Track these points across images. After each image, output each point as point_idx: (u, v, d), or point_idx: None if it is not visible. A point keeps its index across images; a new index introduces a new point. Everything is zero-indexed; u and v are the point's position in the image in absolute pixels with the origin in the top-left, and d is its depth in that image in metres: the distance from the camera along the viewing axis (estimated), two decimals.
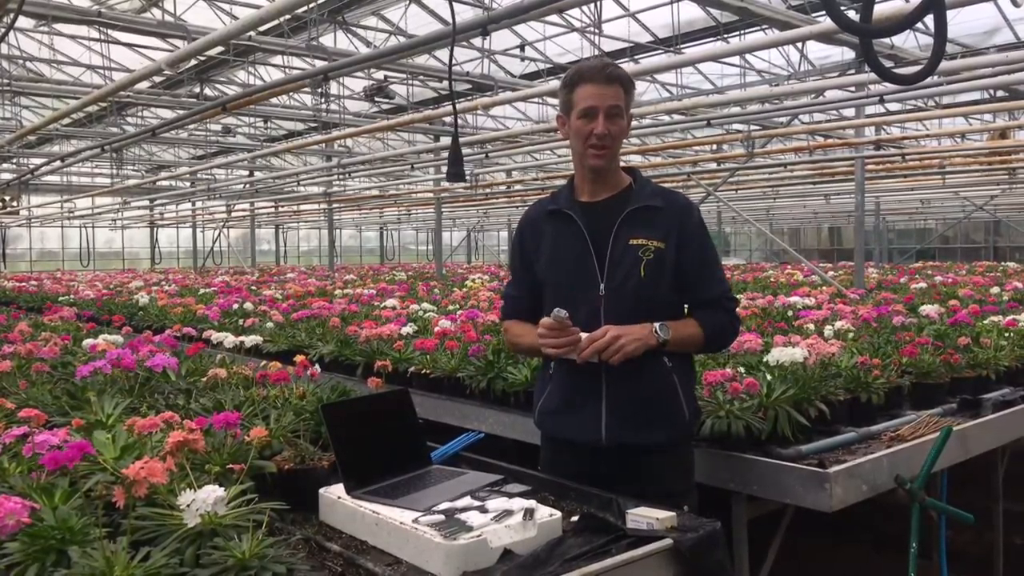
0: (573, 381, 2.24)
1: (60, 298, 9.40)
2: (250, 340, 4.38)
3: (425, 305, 6.45)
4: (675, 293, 2.24)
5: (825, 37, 4.79)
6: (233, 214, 23.46)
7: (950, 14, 2.22)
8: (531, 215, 2.40)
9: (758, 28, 9.53)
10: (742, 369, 3.11)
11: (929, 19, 1.57)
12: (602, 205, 2.27)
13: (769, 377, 2.88)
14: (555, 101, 13.73)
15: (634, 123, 11.24)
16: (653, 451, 2.22)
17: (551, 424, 2.35)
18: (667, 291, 2.21)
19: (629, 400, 2.19)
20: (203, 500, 1.49)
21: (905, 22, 1.64)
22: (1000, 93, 8.86)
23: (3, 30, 3.95)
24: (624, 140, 2.30)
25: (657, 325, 2.13)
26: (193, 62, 10.52)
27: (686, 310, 2.30)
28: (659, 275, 2.18)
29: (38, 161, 13.57)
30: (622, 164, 2.38)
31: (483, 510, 1.72)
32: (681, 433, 2.29)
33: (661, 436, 2.22)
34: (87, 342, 3.77)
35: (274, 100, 11.57)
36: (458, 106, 9.27)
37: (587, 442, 2.22)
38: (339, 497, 1.87)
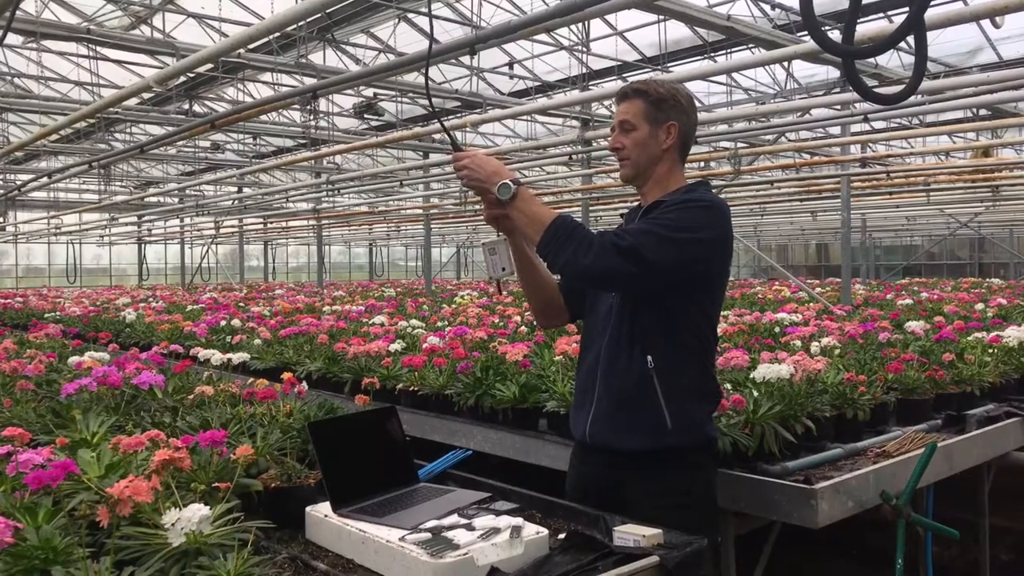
0: (580, 381, 2.31)
1: (46, 315, 9.33)
2: (237, 357, 4.35)
3: (414, 322, 6.44)
4: (679, 288, 2.11)
5: (810, 56, 4.82)
6: (221, 230, 23.38)
7: (933, 34, 2.26)
8: None
9: (744, 47, 9.63)
10: (729, 385, 3.12)
11: (911, 39, 1.60)
12: (642, 210, 2.25)
13: (756, 394, 2.89)
14: (543, 119, 13.70)
15: None
16: (638, 464, 2.12)
17: (570, 423, 2.38)
18: (670, 284, 2.10)
19: (609, 398, 2.18)
20: (188, 519, 1.49)
21: (886, 43, 1.66)
22: (983, 112, 8.96)
23: None
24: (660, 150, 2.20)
25: (510, 180, 2.04)
26: (182, 79, 10.52)
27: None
28: None
29: (25, 177, 13.50)
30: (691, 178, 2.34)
31: (470, 528, 1.72)
32: (663, 444, 2.10)
33: (636, 442, 2.11)
34: (73, 359, 3.75)
35: (263, 117, 11.53)
36: (447, 123, 9.34)
37: (579, 440, 2.28)
38: (325, 515, 1.86)
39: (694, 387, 2.17)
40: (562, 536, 1.82)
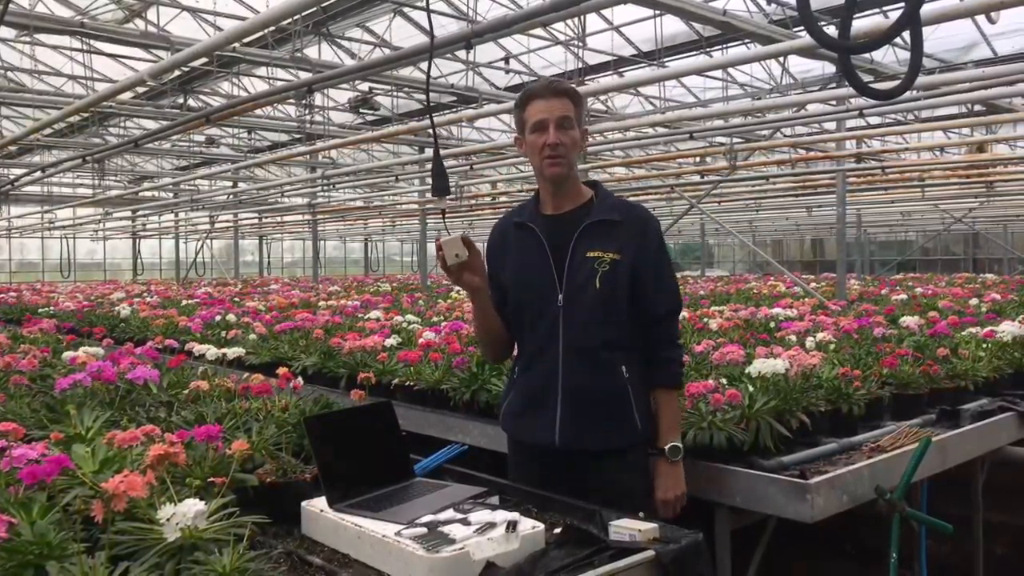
0: (533, 384, 2.34)
1: (40, 310, 9.29)
2: (232, 352, 4.35)
3: (409, 317, 6.44)
4: (629, 304, 2.30)
5: (806, 52, 4.82)
6: (216, 225, 23.32)
7: (928, 30, 2.26)
8: (500, 226, 2.51)
9: (740, 42, 9.62)
10: (724, 380, 3.12)
11: (907, 35, 1.60)
12: (564, 218, 2.35)
13: (751, 388, 2.89)
14: None
15: (618, 135, 11.30)
16: (615, 463, 2.28)
17: (512, 426, 2.44)
18: (621, 301, 2.29)
19: (583, 404, 2.26)
20: (183, 514, 1.48)
21: (882, 38, 1.66)
22: (978, 107, 8.98)
23: None
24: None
25: (667, 451, 2.29)
26: (176, 73, 10.48)
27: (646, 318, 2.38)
28: (614, 286, 2.27)
29: (19, 171, 13.44)
30: (584, 179, 2.50)
31: (466, 523, 1.72)
32: (632, 440, 2.31)
33: (612, 442, 2.28)
34: (67, 354, 3.73)
35: (258, 111, 11.52)
36: (443, 118, 9.33)
37: (542, 444, 2.30)
38: (321, 510, 1.86)
39: (644, 390, 2.36)
40: (558, 531, 1.82)
